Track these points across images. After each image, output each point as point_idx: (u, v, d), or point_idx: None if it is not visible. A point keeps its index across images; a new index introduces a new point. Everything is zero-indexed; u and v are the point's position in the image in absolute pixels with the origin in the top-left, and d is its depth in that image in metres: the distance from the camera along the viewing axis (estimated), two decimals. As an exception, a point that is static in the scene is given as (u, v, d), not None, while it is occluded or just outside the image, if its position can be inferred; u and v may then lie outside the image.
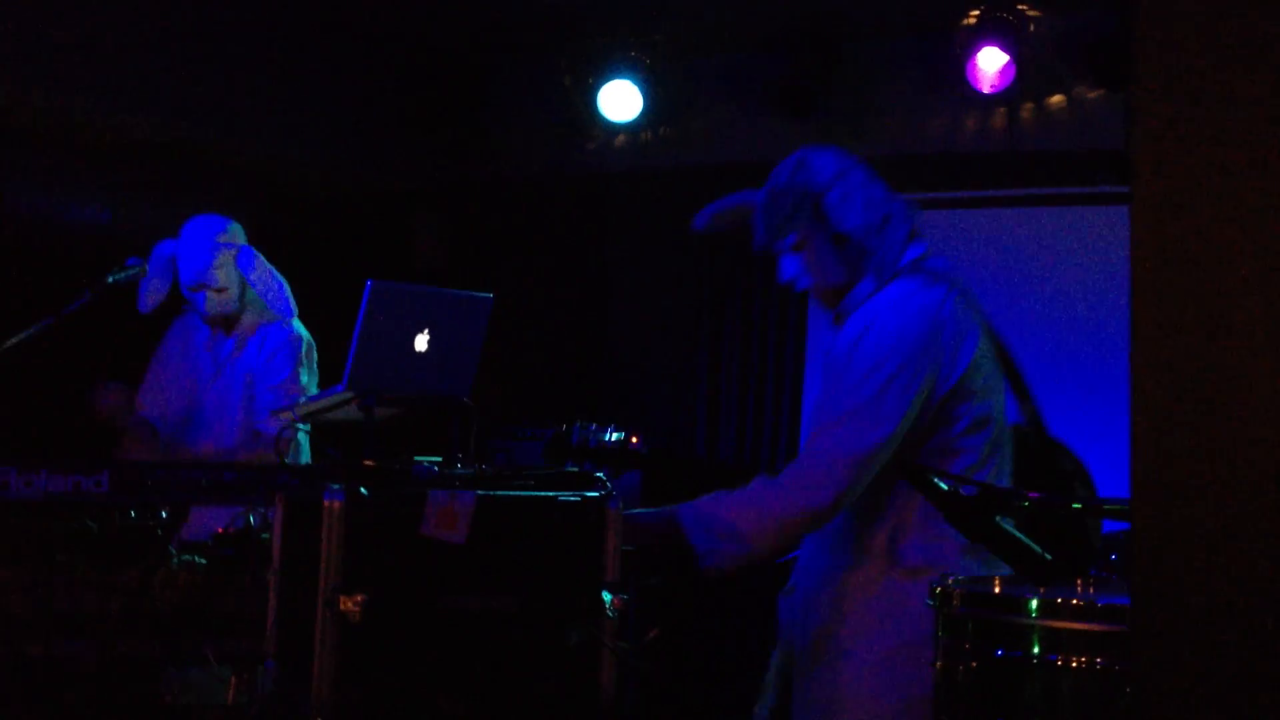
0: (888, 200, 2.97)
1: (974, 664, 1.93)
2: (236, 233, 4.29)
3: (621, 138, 6.66)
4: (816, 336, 6.41)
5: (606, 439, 3.22)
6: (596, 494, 2.76)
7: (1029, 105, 5.82)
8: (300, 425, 3.23)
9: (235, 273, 4.17)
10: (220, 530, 3.28)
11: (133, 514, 3.29)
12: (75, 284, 3.93)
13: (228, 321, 4.27)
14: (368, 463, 2.81)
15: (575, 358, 6.83)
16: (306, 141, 6.27)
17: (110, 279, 3.73)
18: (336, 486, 2.53)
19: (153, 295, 4.16)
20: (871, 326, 2.77)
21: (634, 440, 6.22)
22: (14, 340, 3.61)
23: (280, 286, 4.28)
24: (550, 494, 2.73)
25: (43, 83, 5.02)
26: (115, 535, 3.16)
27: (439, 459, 2.99)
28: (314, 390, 4.33)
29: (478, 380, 3.40)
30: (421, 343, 3.29)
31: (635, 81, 6.25)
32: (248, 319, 4.30)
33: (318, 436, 3.47)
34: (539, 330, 6.62)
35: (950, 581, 2.03)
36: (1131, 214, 1.34)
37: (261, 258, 4.26)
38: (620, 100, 6.29)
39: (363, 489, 2.56)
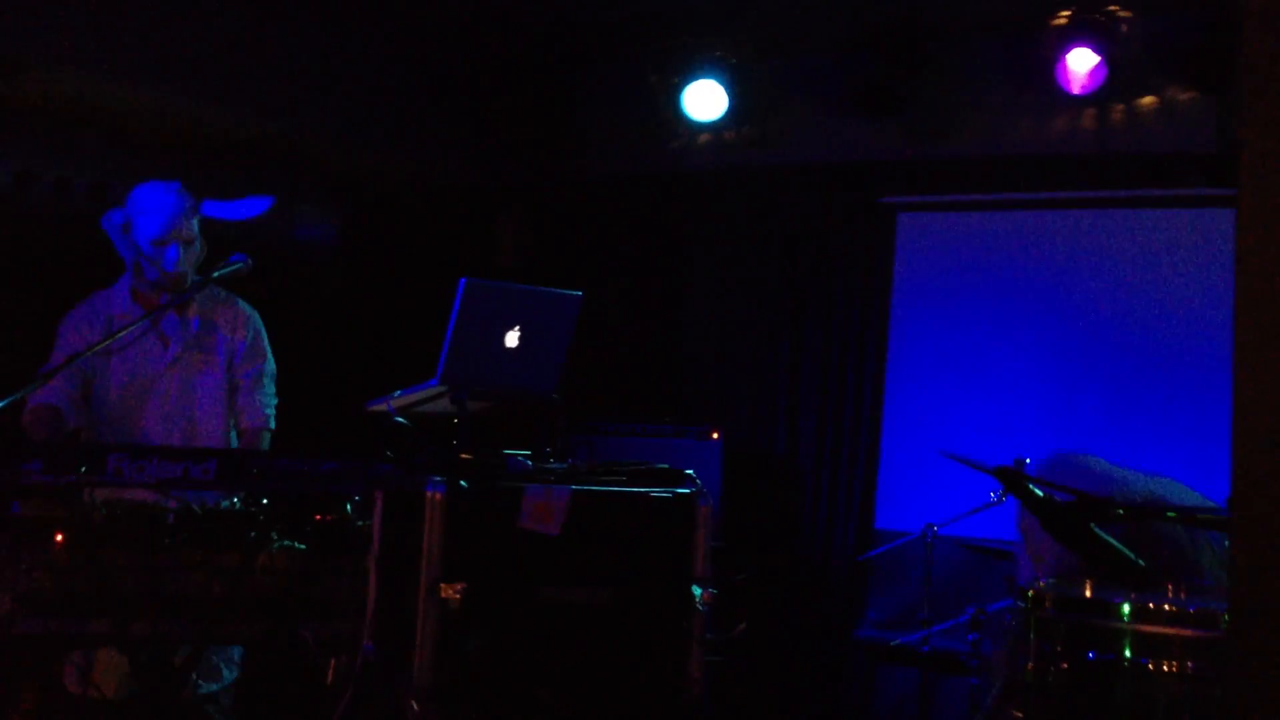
0: None
1: (1065, 665, 1.96)
2: (188, 191, 3.98)
3: (705, 137, 6.70)
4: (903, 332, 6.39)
5: None
6: (687, 490, 2.82)
7: (1120, 107, 5.77)
8: (398, 418, 3.31)
9: (198, 225, 3.91)
10: (318, 517, 3.39)
11: (235, 501, 3.41)
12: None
13: (179, 286, 3.90)
14: (465, 456, 2.89)
15: (656, 354, 6.89)
16: (392, 139, 6.38)
17: (216, 274, 3.82)
18: (438, 479, 2.61)
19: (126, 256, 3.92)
20: None
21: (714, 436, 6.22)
22: (121, 331, 3.74)
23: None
24: (642, 490, 2.80)
25: (133, 78, 5.16)
26: (219, 520, 3.27)
27: (528, 453, 3.07)
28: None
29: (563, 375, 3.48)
30: (512, 339, 3.38)
31: (720, 81, 6.29)
32: (204, 298, 4.01)
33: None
34: (620, 327, 6.69)
35: (1042, 584, 2.06)
36: (1237, 223, 1.37)
37: None
38: (704, 100, 6.33)
39: (462, 482, 2.64)
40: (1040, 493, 1.81)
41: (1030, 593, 2.06)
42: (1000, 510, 4.96)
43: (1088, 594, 2.05)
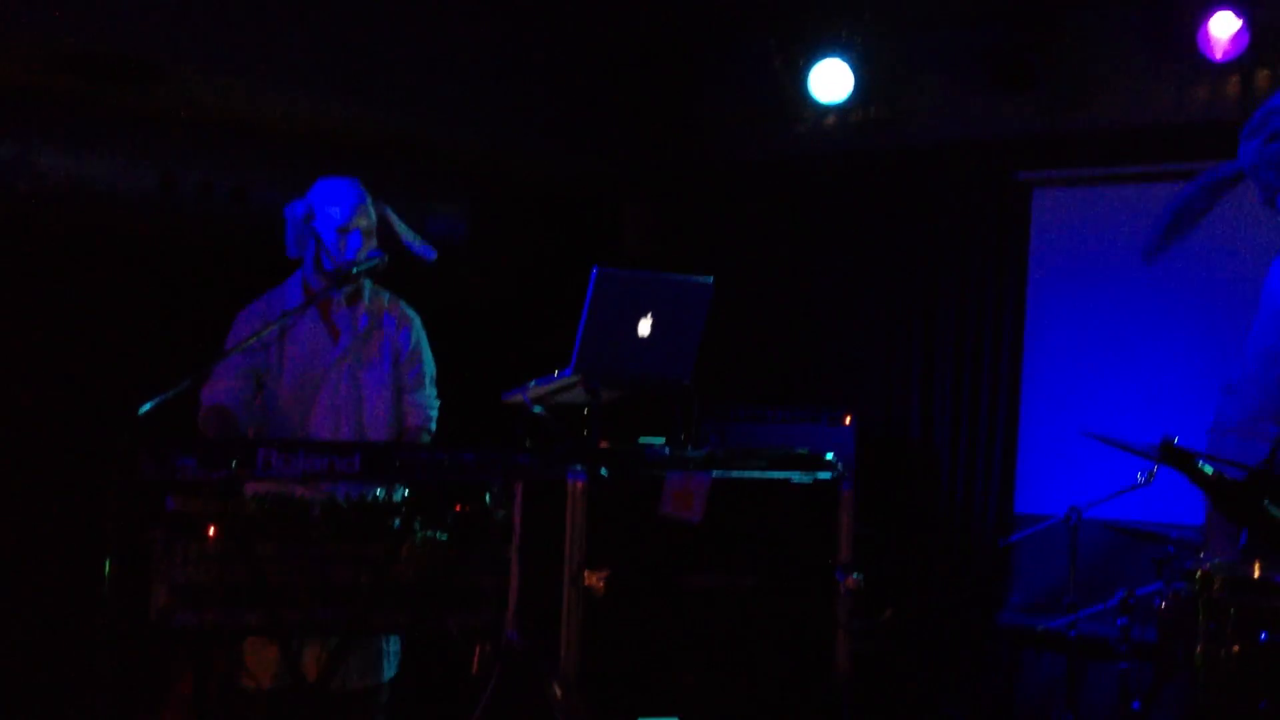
0: None
1: (1236, 648, 1.89)
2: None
3: (831, 118, 6.62)
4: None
5: None
6: (828, 475, 2.78)
7: (1264, 72, 5.53)
8: (534, 408, 3.33)
9: (376, 216, 4.06)
10: (458, 508, 3.44)
11: (379, 492, 3.47)
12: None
13: (353, 294, 4.04)
14: (603, 444, 2.90)
15: (787, 339, 6.83)
16: (518, 132, 6.42)
17: (355, 269, 3.89)
18: (578, 468, 2.62)
19: (297, 249, 4.05)
20: None
21: (846, 420, 6.16)
22: (273, 325, 3.82)
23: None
24: (783, 475, 2.77)
25: (267, 81, 5.28)
26: (363, 511, 3.34)
27: (663, 440, 3.06)
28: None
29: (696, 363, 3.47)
30: (645, 327, 3.37)
31: (845, 61, 6.20)
32: (371, 295, 4.11)
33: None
34: (750, 312, 6.65)
35: (1210, 566, 1.98)
36: None
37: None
38: (831, 80, 6.24)
39: (603, 470, 2.65)
40: (1209, 470, 1.75)
41: (1199, 574, 1.99)
42: (1147, 492, 4.82)
43: (1257, 574, 1.98)
